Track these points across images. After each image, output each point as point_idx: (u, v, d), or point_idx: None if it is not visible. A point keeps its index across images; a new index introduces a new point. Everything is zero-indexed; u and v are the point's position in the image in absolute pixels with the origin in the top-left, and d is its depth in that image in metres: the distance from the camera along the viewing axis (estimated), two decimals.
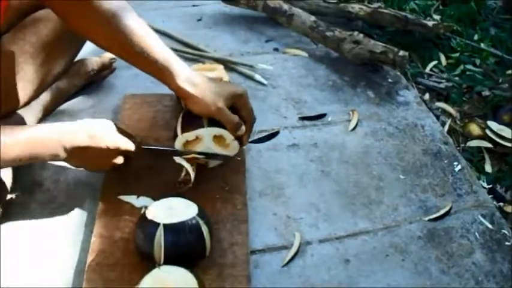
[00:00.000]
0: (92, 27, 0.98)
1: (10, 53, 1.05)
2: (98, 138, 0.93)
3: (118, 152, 0.97)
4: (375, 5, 1.72)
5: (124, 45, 0.98)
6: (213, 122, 1.03)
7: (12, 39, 1.07)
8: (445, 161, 1.22)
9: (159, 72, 1.01)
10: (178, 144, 1.04)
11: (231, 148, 1.06)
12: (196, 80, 1.01)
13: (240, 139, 1.07)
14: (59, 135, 0.91)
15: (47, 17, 1.11)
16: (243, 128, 1.05)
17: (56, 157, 0.92)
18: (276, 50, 1.59)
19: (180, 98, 1.05)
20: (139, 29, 0.99)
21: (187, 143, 1.04)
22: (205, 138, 1.04)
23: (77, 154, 0.93)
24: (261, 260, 0.97)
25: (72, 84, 1.29)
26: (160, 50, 1.00)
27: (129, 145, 0.98)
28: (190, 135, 1.03)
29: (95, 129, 0.94)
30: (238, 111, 1.05)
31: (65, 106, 1.29)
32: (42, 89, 1.18)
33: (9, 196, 1.02)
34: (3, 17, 1.02)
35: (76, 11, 0.96)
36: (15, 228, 1.00)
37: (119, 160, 0.98)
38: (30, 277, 0.93)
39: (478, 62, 1.65)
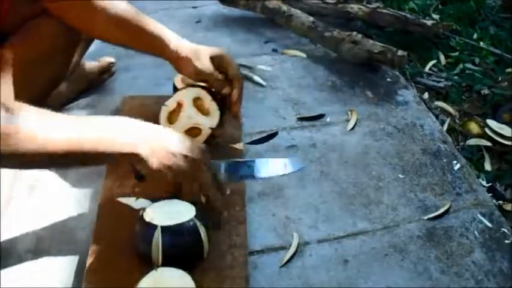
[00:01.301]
0: (89, 17, 1.03)
1: (12, 58, 1.05)
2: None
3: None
4: (374, 5, 1.72)
5: (120, 27, 1.03)
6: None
7: (15, 44, 1.07)
8: (444, 160, 1.22)
9: (152, 43, 1.06)
10: (162, 116, 1.10)
11: (212, 114, 1.09)
12: (184, 44, 1.07)
13: (227, 104, 1.10)
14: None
15: (51, 24, 1.11)
16: (228, 88, 1.08)
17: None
18: (274, 51, 1.59)
19: (171, 62, 1.10)
20: (130, 10, 1.05)
21: (171, 114, 1.10)
22: (186, 104, 1.09)
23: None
24: (260, 261, 0.97)
25: (72, 89, 1.30)
26: (152, 25, 1.06)
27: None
28: (171, 101, 1.10)
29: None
30: (225, 72, 1.09)
31: (64, 109, 1.29)
32: (44, 95, 1.19)
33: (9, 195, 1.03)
34: (6, 20, 1.02)
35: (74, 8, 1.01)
36: (14, 228, 1.00)
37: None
38: (30, 278, 0.93)
39: (477, 60, 1.65)
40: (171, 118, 1.10)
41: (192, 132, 1.09)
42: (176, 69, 1.10)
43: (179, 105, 1.10)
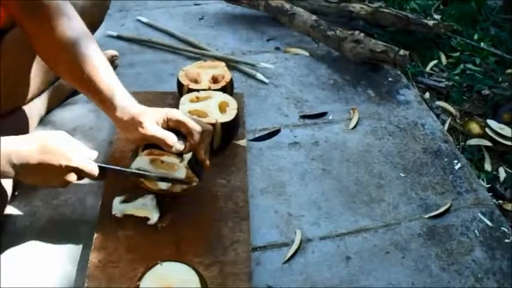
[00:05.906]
0: (54, 52, 0.97)
1: (15, 51, 1.06)
2: (50, 153, 0.84)
3: (70, 168, 0.87)
4: (376, 4, 1.73)
5: (77, 72, 0.96)
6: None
7: (17, 36, 1.07)
8: (445, 160, 1.23)
9: (101, 102, 0.97)
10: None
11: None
12: (130, 105, 0.97)
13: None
14: (7, 151, 0.81)
15: None
16: (178, 144, 0.95)
17: (5, 174, 0.83)
18: (277, 49, 1.60)
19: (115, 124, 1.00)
20: (94, 59, 0.96)
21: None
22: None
23: (28, 172, 0.84)
24: (262, 257, 0.98)
25: None
26: (107, 81, 0.96)
27: (82, 162, 0.88)
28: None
29: (46, 144, 0.85)
30: (178, 130, 0.98)
31: (66, 103, 1.30)
32: (46, 86, 1.19)
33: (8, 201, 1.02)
34: (6, 14, 1.02)
35: (42, 35, 0.95)
36: (18, 225, 1.01)
37: (71, 177, 0.88)
38: (33, 274, 0.93)
39: (478, 61, 1.65)
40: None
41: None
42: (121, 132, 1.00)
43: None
